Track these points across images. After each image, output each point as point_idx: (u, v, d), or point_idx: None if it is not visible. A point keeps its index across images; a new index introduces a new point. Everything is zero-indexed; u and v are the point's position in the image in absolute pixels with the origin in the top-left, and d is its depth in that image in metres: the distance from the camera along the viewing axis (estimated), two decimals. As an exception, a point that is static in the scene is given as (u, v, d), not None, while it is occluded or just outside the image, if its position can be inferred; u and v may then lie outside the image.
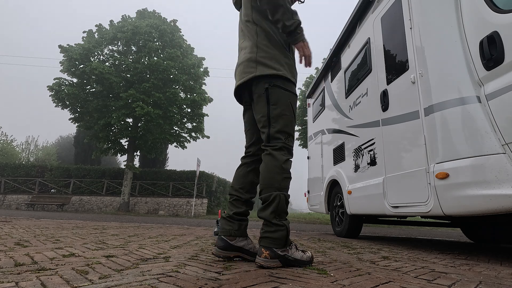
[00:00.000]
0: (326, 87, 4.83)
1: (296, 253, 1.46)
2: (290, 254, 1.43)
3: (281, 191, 1.49)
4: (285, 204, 1.49)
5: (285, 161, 1.54)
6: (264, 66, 1.60)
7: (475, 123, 1.88)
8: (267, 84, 1.58)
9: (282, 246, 1.42)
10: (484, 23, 1.91)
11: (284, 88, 1.59)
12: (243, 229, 1.62)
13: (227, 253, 1.56)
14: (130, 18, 17.22)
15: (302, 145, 15.85)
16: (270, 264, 1.39)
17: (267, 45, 1.63)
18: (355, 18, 3.72)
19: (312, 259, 1.50)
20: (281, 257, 1.41)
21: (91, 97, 15.50)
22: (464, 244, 3.53)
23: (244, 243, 1.59)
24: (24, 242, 2.05)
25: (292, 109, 1.61)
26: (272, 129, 1.56)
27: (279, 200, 1.47)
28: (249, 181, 1.69)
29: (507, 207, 1.65)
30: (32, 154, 29.33)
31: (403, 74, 2.53)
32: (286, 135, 1.57)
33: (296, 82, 1.68)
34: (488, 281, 1.30)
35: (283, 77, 1.59)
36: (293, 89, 1.64)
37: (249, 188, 1.69)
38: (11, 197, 16.50)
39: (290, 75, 1.63)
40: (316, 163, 5.12)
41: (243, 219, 1.64)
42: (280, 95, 1.57)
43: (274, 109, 1.57)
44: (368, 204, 3.08)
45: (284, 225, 1.46)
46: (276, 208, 1.46)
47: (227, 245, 1.57)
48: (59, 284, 1.00)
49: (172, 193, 17.02)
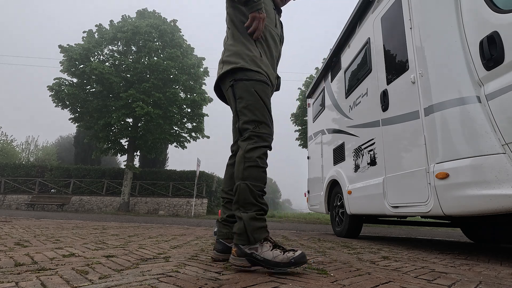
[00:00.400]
0: (326, 87, 4.83)
1: (268, 253, 1.26)
2: (258, 252, 1.27)
3: (244, 180, 1.38)
4: (248, 194, 1.36)
5: (249, 149, 1.44)
6: (227, 63, 1.59)
7: (475, 123, 1.88)
8: (231, 81, 1.55)
9: (246, 243, 1.29)
10: (484, 23, 1.91)
11: (246, 79, 1.53)
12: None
13: (226, 256, 1.53)
14: (130, 18, 17.24)
15: (302, 145, 15.85)
16: (237, 263, 1.30)
17: (232, 44, 1.62)
18: (355, 18, 3.72)
19: (293, 262, 1.23)
20: (247, 255, 1.28)
21: (91, 97, 15.51)
22: (464, 244, 3.53)
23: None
24: (24, 242, 2.04)
25: (259, 95, 1.51)
26: (240, 122, 1.52)
27: (239, 190, 1.37)
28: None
29: (507, 207, 1.65)
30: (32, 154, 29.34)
31: (403, 74, 2.53)
32: (254, 123, 1.48)
33: (262, 70, 1.57)
34: (488, 281, 1.30)
35: (243, 69, 1.53)
36: (257, 76, 1.54)
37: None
38: (11, 197, 16.50)
39: (252, 65, 1.55)
40: (316, 163, 5.12)
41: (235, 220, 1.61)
42: (243, 87, 1.52)
43: (240, 103, 1.52)
44: (368, 204, 3.08)
45: (241, 218, 1.33)
46: (237, 199, 1.38)
47: (226, 247, 1.56)
48: (59, 284, 1.00)
49: (172, 193, 17.03)
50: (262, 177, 1.42)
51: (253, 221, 1.31)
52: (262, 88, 1.53)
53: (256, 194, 1.36)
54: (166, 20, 17.42)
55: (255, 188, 1.37)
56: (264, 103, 1.51)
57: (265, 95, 1.53)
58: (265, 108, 1.51)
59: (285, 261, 1.23)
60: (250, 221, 1.31)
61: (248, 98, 1.50)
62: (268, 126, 1.50)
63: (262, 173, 1.42)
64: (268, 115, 1.52)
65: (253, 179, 1.38)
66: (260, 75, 1.55)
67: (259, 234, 1.30)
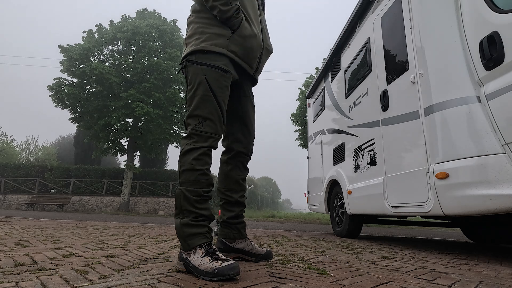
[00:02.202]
0: (326, 87, 4.83)
1: (197, 259, 1.18)
2: (191, 258, 1.20)
3: (180, 185, 1.30)
4: (183, 200, 1.27)
5: (185, 151, 1.30)
6: (187, 45, 1.42)
7: (475, 123, 1.88)
8: (183, 61, 1.39)
9: (184, 248, 1.24)
10: (484, 23, 1.91)
11: (199, 62, 1.34)
12: (240, 231, 1.58)
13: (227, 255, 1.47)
14: (130, 18, 17.24)
15: (302, 145, 15.84)
16: (177, 266, 1.27)
17: (194, 21, 1.44)
18: (355, 18, 3.72)
19: (216, 273, 1.10)
20: (183, 260, 1.23)
21: (91, 97, 15.50)
22: (464, 244, 3.53)
23: (244, 245, 1.57)
24: (24, 242, 2.04)
25: (209, 86, 1.32)
26: (186, 115, 1.37)
27: (175, 196, 1.31)
28: (233, 180, 1.59)
29: (507, 207, 1.65)
30: (32, 154, 29.33)
31: (403, 74, 2.53)
32: (198, 119, 1.32)
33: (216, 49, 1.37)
34: (488, 281, 1.30)
35: (199, 51, 1.35)
36: (212, 60, 1.35)
37: (235, 188, 1.59)
38: (11, 197, 16.49)
39: (210, 44, 1.35)
40: (316, 163, 5.12)
41: (238, 221, 1.59)
42: (194, 72, 1.34)
43: (189, 91, 1.36)
44: (368, 204, 3.08)
45: (175, 224, 1.28)
46: (175, 205, 1.30)
47: (227, 247, 1.56)
48: (59, 284, 1.00)
49: (172, 193, 17.03)
50: (199, 181, 1.28)
51: (187, 228, 1.24)
52: (215, 76, 1.34)
53: (192, 200, 1.26)
54: (166, 20, 17.43)
55: (190, 193, 1.27)
56: (214, 96, 1.32)
57: (218, 85, 1.34)
58: (214, 102, 1.33)
59: (208, 270, 1.12)
60: (183, 227, 1.24)
61: (196, 87, 1.33)
62: (213, 124, 1.33)
63: (199, 175, 1.29)
64: (216, 110, 1.33)
65: (189, 183, 1.28)
66: (219, 59, 1.36)
67: (193, 241, 1.22)
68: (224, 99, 1.37)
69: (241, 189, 1.60)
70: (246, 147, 1.60)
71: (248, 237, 1.59)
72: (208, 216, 1.30)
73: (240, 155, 1.60)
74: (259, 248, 1.59)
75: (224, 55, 1.38)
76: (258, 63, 1.55)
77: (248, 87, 1.63)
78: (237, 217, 1.58)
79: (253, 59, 1.51)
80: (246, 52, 1.45)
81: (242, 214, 1.61)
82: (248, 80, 1.62)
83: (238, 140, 1.58)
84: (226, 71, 1.37)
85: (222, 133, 1.39)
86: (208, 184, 1.31)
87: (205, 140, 1.32)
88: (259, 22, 1.56)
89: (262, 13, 1.64)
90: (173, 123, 16.60)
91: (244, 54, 1.45)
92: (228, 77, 1.39)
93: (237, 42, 1.41)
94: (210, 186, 1.32)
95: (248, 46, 1.45)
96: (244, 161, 1.62)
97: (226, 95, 1.38)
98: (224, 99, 1.37)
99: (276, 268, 1.40)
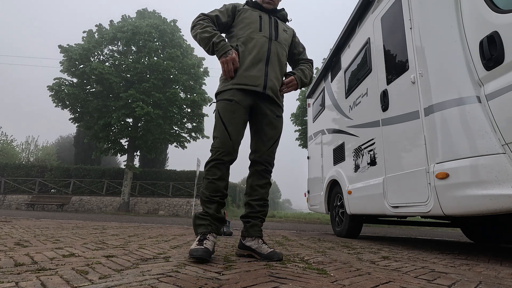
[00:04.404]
0: (326, 87, 4.83)
1: (193, 242, 1.60)
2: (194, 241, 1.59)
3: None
4: (200, 199, 1.73)
5: (205, 163, 1.77)
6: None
7: (475, 123, 1.88)
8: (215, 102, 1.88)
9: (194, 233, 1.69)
10: (484, 23, 1.91)
11: (215, 101, 1.85)
12: (248, 230, 1.77)
13: (241, 251, 1.77)
14: (130, 18, 17.23)
15: (302, 145, 15.84)
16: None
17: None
18: (355, 18, 3.72)
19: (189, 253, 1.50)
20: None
21: (91, 97, 15.50)
22: (464, 244, 3.53)
23: (251, 243, 1.73)
24: (24, 242, 2.04)
25: (219, 114, 1.76)
26: None
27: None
28: (249, 185, 1.86)
29: (507, 207, 1.65)
30: (32, 154, 29.31)
31: (403, 74, 2.53)
32: (213, 138, 1.77)
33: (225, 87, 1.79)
34: (488, 281, 1.30)
35: (217, 93, 1.85)
36: (220, 97, 1.80)
37: (249, 192, 1.85)
38: (11, 197, 16.49)
39: (219, 88, 1.84)
40: (316, 163, 5.12)
41: (247, 220, 1.81)
42: (215, 108, 1.83)
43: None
44: (368, 204, 3.08)
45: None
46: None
47: (241, 244, 1.79)
48: (59, 284, 1.00)
49: (172, 193, 17.03)
50: (208, 187, 1.70)
51: (196, 219, 1.68)
52: (223, 105, 1.76)
53: (203, 200, 1.71)
54: (166, 20, 17.42)
55: (203, 195, 1.71)
56: (222, 121, 1.73)
57: (224, 112, 1.74)
58: (222, 125, 1.73)
59: (189, 250, 1.50)
60: (194, 218, 1.69)
61: (214, 118, 1.79)
62: (221, 140, 1.71)
63: (208, 183, 1.70)
64: (223, 131, 1.72)
65: (204, 188, 1.72)
66: (226, 93, 1.77)
67: (197, 229, 1.65)
68: (231, 121, 1.73)
69: (255, 194, 1.82)
70: (260, 156, 1.85)
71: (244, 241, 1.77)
72: (212, 214, 1.66)
73: (256, 164, 1.86)
74: (265, 248, 1.69)
75: (230, 89, 1.78)
76: (265, 80, 1.79)
77: (266, 106, 1.85)
78: (245, 217, 1.82)
79: (255, 79, 1.78)
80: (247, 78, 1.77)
81: (250, 215, 1.80)
82: (264, 99, 1.84)
83: (254, 151, 1.87)
84: (230, 100, 1.75)
85: (228, 147, 1.71)
86: (214, 190, 1.69)
87: (214, 153, 1.72)
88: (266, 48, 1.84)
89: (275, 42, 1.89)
90: (173, 123, 16.59)
91: (246, 80, 1.77)
92: (233, 104, 1.74)
93: (239, 75, 1.78)
94: (217, 192, 1.69)
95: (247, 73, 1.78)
96: (259, 169, 1.85)
97: (233, 118, 1.74)
98: (232, 121, 1.73)
99: (276, 268, 1.40)
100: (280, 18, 2.02)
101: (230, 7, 1.95)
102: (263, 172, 1.85)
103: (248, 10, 1.93)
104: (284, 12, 2.06)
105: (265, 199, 1.84)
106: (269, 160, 1.87)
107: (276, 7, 2.01)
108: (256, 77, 1.77)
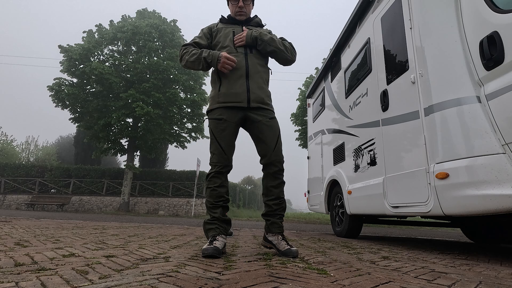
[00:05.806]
0: (326, 87, 4.82)
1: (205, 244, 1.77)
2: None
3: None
4: (208, 209, 1.90)
5: (206, 175, 1.96)
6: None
7: (475, 123, 1.88)
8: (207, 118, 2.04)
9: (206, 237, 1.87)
10: (484, 23, 1.91)
11: (207, 118, 2.01)
12: (268, 227, 1.93)
13: (265, 243, 2.00)
14: (130, 18, 17.21)
15: (302, 145, 15.83)
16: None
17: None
18: (355, 18, 3.72)
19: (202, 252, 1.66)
20: None
21: (91, 97, 15.49)
22: (464, 244, 3.53)
23: (272, 239, 1.91)
24: (24, 242, 2.05)
25: (212, 132, 1.95)
26: None
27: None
28: (264, 187, 2.00)
29: (507, 207, 1.65)
30: (32, 154, 29.30)
31: (403, 74, 2.53)
32: (210, 154, 1.96)
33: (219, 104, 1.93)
34: (488, 281, 1.30)
35: (208, 111, 2.01)
36: (212, 115, 1.96)
37: (265, 192, 1.99)
38: (11, 197, 16.48)
39: (208, 107, 2.01)
40: (316, 163, 5.11)
41: (266, 219, 1.96)
42: (208, 125, 2.00)
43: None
44: (368, 204, 3.08)
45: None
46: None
47: (264, 237, 2.00)
48: (59, 284, 1.00)
49: (172, 193, 17.01)
50: (211, 195, 1.89)
51: (205, 225, 1.88)
52: (214, 125, 1.94)
53: (209, 207, 1.90)
54: (166, 20, 17.40)
55: (208, 202, 1.90)
56: (214, 137, 1.93)
57: (215, 129, 1.93)
58: (216, 142, 1.92)
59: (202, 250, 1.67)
60: (205, 224, 1.89)
61: (210, 134, 1.97)
62: (216, 156, 1.92)
63: (210, 191, 1.90)
64: (217, 148, 1.91)
65: (207, 196, 1.91)
66: (215, 112, 1.94)
67: (208, 233, 1.84)
68: (223, 138, 1.91)
69: (271, 194, 1.95)
70: (269, 158, 1.95)
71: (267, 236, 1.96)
72: (218, 218, 1.85)
73: (267, 166, 1.97)
74: (283, 245, 1.83)
75: (218, 108, 1.94)
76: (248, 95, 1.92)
77: (256, 114, 1.96)
78: (265, 215, 1.97)
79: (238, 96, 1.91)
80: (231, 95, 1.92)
81: (269, 213, 1.95)
82: (252, 108, 1.95)
83: (263, 156, 1.99)
84: (220, 119, 1.92)
85: (224, 161, 1.92)
86: (217, 196, 1.88)
87: (213, 167, 1.94)
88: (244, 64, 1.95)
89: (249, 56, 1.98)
90: (173, 123, 16.58)
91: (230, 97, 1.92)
92: (223, 122, 1.92)
93: (223, 94, 1.94)
94: (220, 198, 1.88)
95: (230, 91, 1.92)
96: (271, 171, 1.96)
97: (224, 135, 1.92)
98: (223, 138, 1.91)
99: (276, 268, 1.40)
100: (254, 25, 2.13)
101: (206, 31, 2.10)
102: (275, 174, 1.96)
103: (222, 28, 2.07)
104: (257, 19, 2.17)
105: (281, 197, 1.96)
106: (278, 159, 1.96)
107: (249, 16, 2.13)
108: (239, 93, 1.91)
